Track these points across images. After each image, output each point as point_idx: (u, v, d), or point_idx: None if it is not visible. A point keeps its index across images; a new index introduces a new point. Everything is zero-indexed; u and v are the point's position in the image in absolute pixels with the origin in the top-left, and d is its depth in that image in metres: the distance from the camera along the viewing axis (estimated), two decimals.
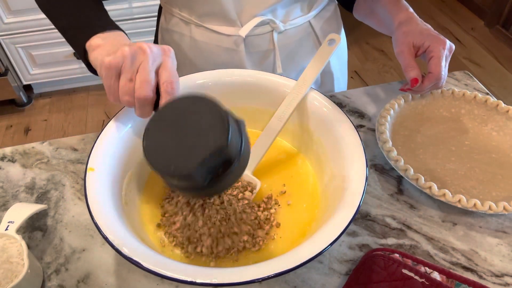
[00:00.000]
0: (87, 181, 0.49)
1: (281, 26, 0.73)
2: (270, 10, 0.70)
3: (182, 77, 0.63)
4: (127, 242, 0.44)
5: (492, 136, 0.74)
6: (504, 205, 0.60)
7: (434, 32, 0.66)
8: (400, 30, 0.67)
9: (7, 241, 0.53)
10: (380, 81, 2.26)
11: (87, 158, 0.52)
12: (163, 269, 0.41)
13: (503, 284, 0.56)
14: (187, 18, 0.75)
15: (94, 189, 0.49)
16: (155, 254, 0.44)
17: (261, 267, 0.43)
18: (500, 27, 2.53)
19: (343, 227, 0.45)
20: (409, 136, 0.74)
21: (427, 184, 0.62)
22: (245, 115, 0.66)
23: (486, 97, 0.76)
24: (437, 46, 0.62)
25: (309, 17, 0.76)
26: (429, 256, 0.58)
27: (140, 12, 1.91)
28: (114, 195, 0.52)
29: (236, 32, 0.72)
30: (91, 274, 0.56)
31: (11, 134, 2.00)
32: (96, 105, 2.12)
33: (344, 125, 0.57)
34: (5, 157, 0.71)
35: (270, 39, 0.74)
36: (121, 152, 0.56)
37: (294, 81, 0.63)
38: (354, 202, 0.48)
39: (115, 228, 0.45)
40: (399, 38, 0.66)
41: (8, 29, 1.83)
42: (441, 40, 0.63)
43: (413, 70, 0.63)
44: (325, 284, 0.55)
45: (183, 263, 0.44)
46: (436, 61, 0.62)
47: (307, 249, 0.44)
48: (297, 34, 0.77)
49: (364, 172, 0.51)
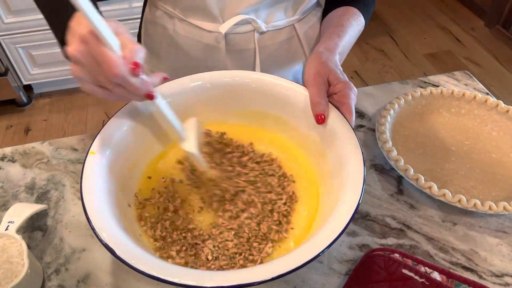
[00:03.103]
0: (85, 167, 0.51)
1: (263, 26, 0.73)
2: (253, 9, 0.70)
3: (178, 79, 0.63)
4: (121, 242, 0.44)
5: (492, 136, 0.74)
6: (504, 205, 0.60)
7: (344, 74, 0.62)
8: (318, 57, 0.62)
9: (7, 241, 0.53)
10: (380, 81, 2.26)
11: (90, 144, 0.53)
12: (160, 273, 0.41)
13: (503, 284, 0.56)
14: (170, 11, 0.75)
15: (90, 178, 0.50)
16: (150, 256, 0.44)
17: (258, 269, 0.43)
18: (500, 27, 2.53)
19: (339, 232, 0.45)
20: (409, 136, 0.74)
21: (427, 184, 0.62)
22: (245, 117, 0.67)
23: (486, 97, 0.76)
24: (349, 92, 0.58)
25: (293, 21, 0.76)
26: (429, 256, 0.58)
27: (140, 12, 1.90)
28: (109, 182, 0.52)
29: (217, 29, 0.72)
30: (91, 274, 0.56)
31: (11, 134, 2.00)
32: (96, 105, 2.12)
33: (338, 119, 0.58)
34: (5, 157, 0.71)
35: (251, 39, 0.75)
36: (124, 142, 0.57)
37: (294, 83, 0.63)
38: (348, 211, 0.47)
39: (109, 225, 0.46)
40: (315, 65, 0.61)
41: (8, 29, 1.83)
42: (351, 85, 0.59)
43: (321, 106, 0.58)
44: (325, 284, 0.55)
45: (178, 266, 0.45)
46: (349, 109, 0.57)
47: (303, 253, 0.43)
48: (280, 36, 0.77)
49: (361, 175, 0.51)
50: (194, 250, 0.54)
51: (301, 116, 0.62)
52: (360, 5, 0.74)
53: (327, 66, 0.60)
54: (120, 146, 0.56)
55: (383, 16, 2.72)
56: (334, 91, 0.59)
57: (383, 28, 2.62)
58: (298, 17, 0.76)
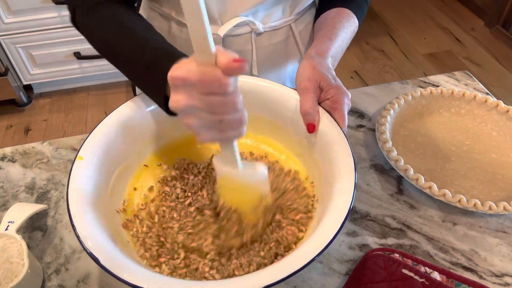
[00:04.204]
0: (73, 170, 0.49)
1: (260, 27, 0.72)
2: (252, 11, 0.70)
3: None
4: (107, 250, 0.44)
5: (492, 136, 0.74)
6: (504, 205, 0.60)
7: (337, 79, 0.60)
8: (309, 62, 0.60)
9: (7, 241, 0.53)
10: (380, 81, 2.26)
11: (79, 148, 0.52)
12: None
13: (503, 284, 0.56)
14: (166, 13, 0.74)
15: (78, 180, 0.49)
16: (136, 264, 0.44)
17: (253, 277, 0.42)
18: (500, 27, 2.53)
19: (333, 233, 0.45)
20: (409, 136, 0.74)
21: (427, 184, 0.62)
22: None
23: (486, 97, 0.76)
24: (342, 98, 0.56)
25: (290, 21, 0.76)
26: (429, 256, 0.58)
27: None
28: (99, 186, 0.52)
29: (215, 31, 0.72)
30: (91, 274, 0.56)
31: (11, 134, 2.00)
32: (96, 105, 2.12)
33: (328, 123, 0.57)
34: (5, 157, 0.71)
35: (249, 40, 0.74)
36: (113, 146, 0.56)
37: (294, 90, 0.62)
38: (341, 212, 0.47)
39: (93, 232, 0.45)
40: (306, 71, 0.59)
41: (8, 29, 1.83)
42: (344, 90, 0.57)
43: (311, 116, 0.57)
44: (325, 284, 0.55)
45: (164, 276, 0.44)
46: (342, 114, 0.56)
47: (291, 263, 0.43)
48: (277, 36, 0.76)
49: (352, 174, 0.50)
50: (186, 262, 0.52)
51: (291, 122, 0.61)
52: (353, 6, 0.73)
53: (318, 72, 0.59)
54: (109, 150, 0.55)
55: (383, 16, 2.72)
56: (326, 96, 0.58)
57: (383, 28, 2.62)
58: (295, 17, 0.76)
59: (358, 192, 0.66)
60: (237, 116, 0.44)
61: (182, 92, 0.43)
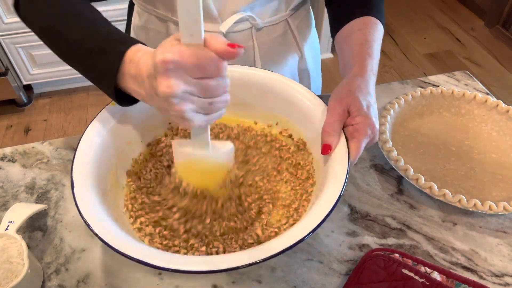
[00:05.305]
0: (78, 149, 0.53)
1: (260, 22, 0.73)
2: (249, 7, 0.71)
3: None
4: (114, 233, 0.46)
5: (492, 136, 0.74)
6: (504, 205, 0.60)
7: (373, 107, 0.58)
8: (348, 83, 0.59)
9: (7, 241, 0.53)
10: (380, 81, 2.25)
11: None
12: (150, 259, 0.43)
13: (503, 284, 0.56)
14: (163, 15, 0.74)
15: (84, 156, 0.53)
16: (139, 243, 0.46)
17: (249, 253, 0.44)
18: (500, 27, 2.53)
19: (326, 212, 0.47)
20: (409, 136, 0.74)
21: (427, 184, 0.62)
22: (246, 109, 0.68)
23: (486, 97, 0.76)
24: (364, 128, 0.54)
25: (287, 16, 0.77)
26: (429, 256, 0.58)
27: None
28: (98, 185, 0.53)
29: (216, 29, 0.72)
30: (91, 274, 0.56)
31: (11, 134, 2.00)
32: (96, 105, 2.12)
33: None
34: (5, 157, 0.71)
35: (249, 36, 0.75)
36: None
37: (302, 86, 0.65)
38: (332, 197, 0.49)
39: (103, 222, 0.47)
40: (342, 91, 0.58)
41: (8, 29, 1.83)
42: (371, 122, 0.55)
43: (331, 137, 0.55)
44: (325, 284, 0.55)
45: (166, 252, 0.47)
46: (358, 145, 0.54)
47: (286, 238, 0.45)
48: (276, 31, 0.77)
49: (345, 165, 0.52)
50: None
51: (310, 125, 0.62)
52: (374, 11, 0.68)
53: (353, 95, 0.56)
54: (122, 118, 0.59)
55: None
56: (351, 122, 0.56)
57: None
58: (290, 12, 0.77)
59: (358, 192, 0.66)
60: (225, 98, 0.44)
61: (173, 76, 0.41)
